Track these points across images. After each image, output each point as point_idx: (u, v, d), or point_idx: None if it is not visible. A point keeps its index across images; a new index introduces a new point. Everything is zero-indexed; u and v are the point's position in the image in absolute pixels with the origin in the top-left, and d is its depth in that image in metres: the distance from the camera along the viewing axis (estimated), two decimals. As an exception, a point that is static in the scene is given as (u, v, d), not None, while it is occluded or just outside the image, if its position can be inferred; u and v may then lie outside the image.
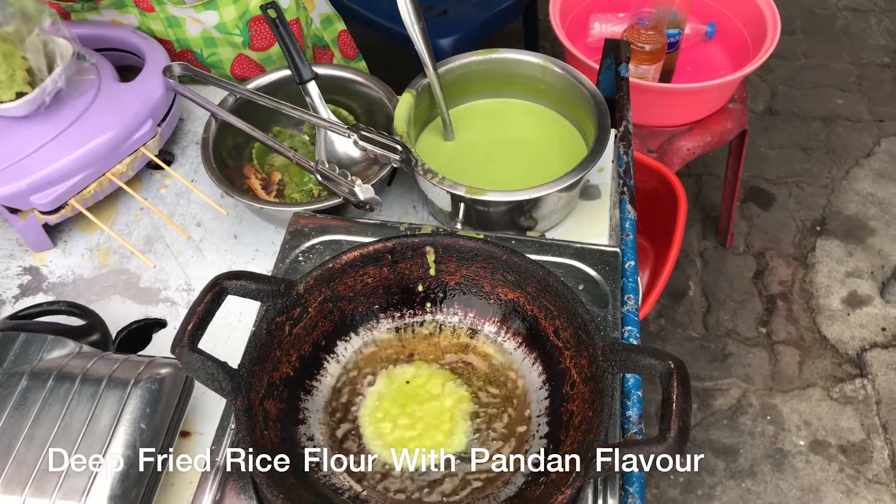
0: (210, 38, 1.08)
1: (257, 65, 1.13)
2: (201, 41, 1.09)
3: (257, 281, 0.67)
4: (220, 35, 1.08)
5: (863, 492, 1.66)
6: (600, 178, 0.96)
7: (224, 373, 0.62)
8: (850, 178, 2.24)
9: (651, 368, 0.60)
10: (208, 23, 1.06)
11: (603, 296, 0.76)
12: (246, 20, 1.07)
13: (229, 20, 1.06)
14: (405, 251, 0.73)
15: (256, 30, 1.09)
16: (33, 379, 0.69)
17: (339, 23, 1.28)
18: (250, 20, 1.07)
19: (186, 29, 1.08)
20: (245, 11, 1.06)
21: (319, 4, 1.23)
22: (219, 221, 0.96)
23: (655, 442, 0.55)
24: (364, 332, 0.75)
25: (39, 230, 0.92)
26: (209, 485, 0.66)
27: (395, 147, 0.85)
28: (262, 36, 1.09)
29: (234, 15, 1.05)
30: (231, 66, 1.12)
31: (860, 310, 1.95)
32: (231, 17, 1.06)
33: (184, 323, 0.62)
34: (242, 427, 0.61)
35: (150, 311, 0.88)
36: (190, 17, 1.06)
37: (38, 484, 0.63)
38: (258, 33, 1.09)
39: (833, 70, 2.55)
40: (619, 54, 1.03)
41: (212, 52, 1.11)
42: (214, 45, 1.10)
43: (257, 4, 1.06)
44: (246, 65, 1.12)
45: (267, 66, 1.13)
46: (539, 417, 0.68)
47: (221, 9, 1.05)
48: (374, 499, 0.64)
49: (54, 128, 0.91)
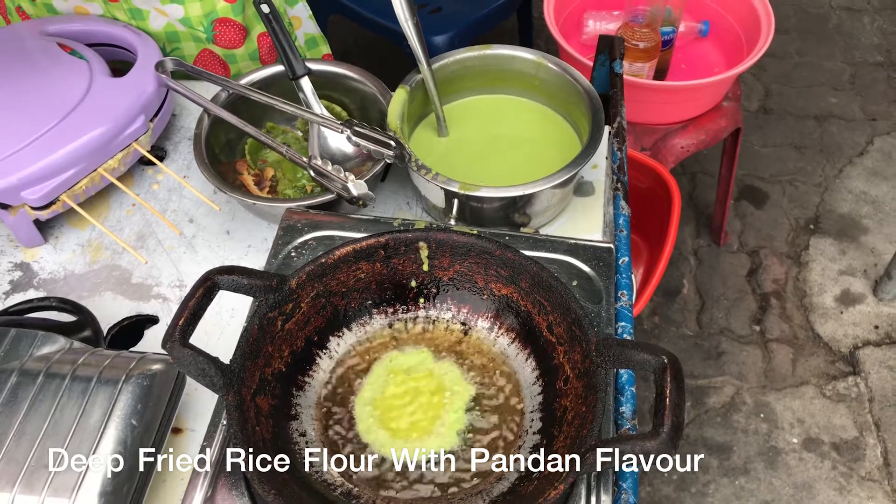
0: (174, 31, 1.08)
1: (221, 61, 1.12)
2: (164, 35, 1.09)
3: (249, 276, 0.66)
4: (184, 29, 1.07)
5: (855, 489, 1.66)
6: (594, 175, 0.96)
7: (215, 368, 0.61)
8: (843, 177, 2.25)
9: (645, 363, 0.60)
10: (173, 16, 1.05)
11: (596, 292, 0.76)
12: (211, 20, 1.07)
13: (194, 16, 1.05)
14: (398, 247, 0.73)
15: (221, 30, 1.08)
16: (23, 375, 0.69)
17: (324, 45, 1.27)
18: (216, 20, 1.07)
19: (150, 22, 1.07)
20: (211, 11, 1.06)
21: (307, 24, 1.22)
22: (211, 217, 0.96)
23: (649, 437, 0.55)
24: (357, 328, 0.74)
25: (30, 226, 0.91)
26: (200, 481, 0.65)
27: (388, 143, 0.84)
28: (226, 37, 1.09)
29: (199, 12, 1.05)
30: (194, 62, 1.12)
31: (853, 308, 1.96)
32: (196, 14, 1.05)
33: (175, 318, 0.61)
34: (234, 422, 0.60)
35: (142, 308, 0.88)
36: (154, 8, 1.05)
37: (28, 481, 0.62)
38: (222, 34, 1.09)
39: (826, 69, 2.55)
40: (614, 50, 1.03)
41: (175, 47, 1.10)
42: (178, 39, 1.09)
43: (225, 8, 1.06)
44: (210, 60, 1.12)
45: (230, 63, 1.13)
46: (532, 413, 0.68)
47: (187, 4, 1.04)
48: (366, 495, 0.64)
49: (45, 123, 0.90)
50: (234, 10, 1.07)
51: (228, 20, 1.08)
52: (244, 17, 1.09)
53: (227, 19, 1.08)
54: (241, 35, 1.10)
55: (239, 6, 1.07)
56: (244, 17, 1.09)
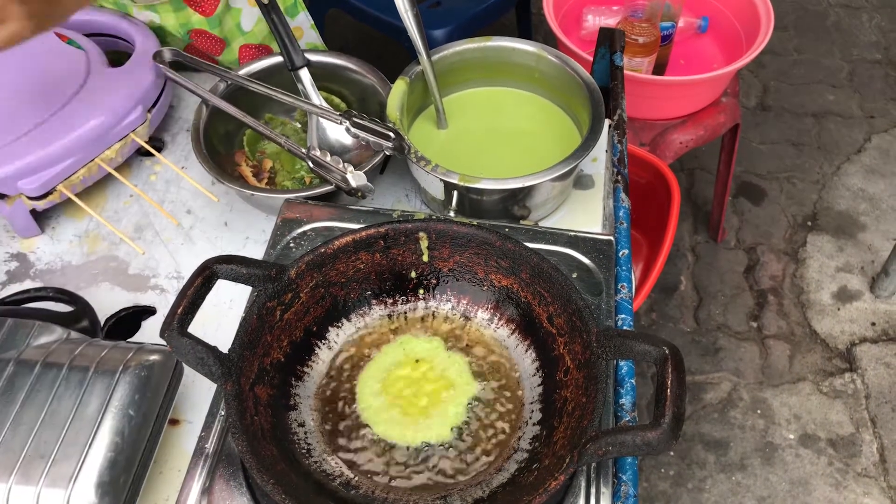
0: (159, 27, 1.07)
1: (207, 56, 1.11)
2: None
3: (248, 265, 0.66)
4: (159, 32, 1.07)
5: (851, 485, 1.67)
6: (594, 168, 0.96)
7: (214, 357, 0.61)
8: (840, 174, 2.25)
9: (646, 354, 0.59)
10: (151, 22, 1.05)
11: (596, 284, 0.76)
12: (187, 29, 1.06)
13: (170, 24, 1.05)
14: (398, 237, 0.73)
15: (197, 39, 1.08)
16: (20, 365, 0.68)
17: None
18: (191, 31, 1.06)
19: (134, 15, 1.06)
20: (186, 22, 1.05)
21: (308, 34, 1.20)
22: (209, 208, 0.95)
23: (650, 428, 0.54)
24: (356, 319, 0.74)
25: (27, 216, 0.91)
26: (198, 471, 0.65)
27: (387, 134, 0.84)
28: (203, 45, 1.08)
29: (174, 22, 1.05)
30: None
31: (850, 305, 1.96)
32: (171, 24, 1.05)
33: (173, 307, 0.61)
34: (232, 412, 0.60)
35: (140, 299, 0.87)
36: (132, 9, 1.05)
37: (25, 471, 0.62)
38: (199, 42, 1.08)
39: (824, 66, 2.55)
40: (614, 43, 1.03)
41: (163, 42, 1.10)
42: (164, 34, 1.08)
43: (200, 20, 1.05)
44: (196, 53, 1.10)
45: None
46: (532, 404, 0.68)
47: (162, 14, 1.04)
48: (365, 484, 0.64)
49: (42, 112, 0.89)
50: (209, 23, 1.06)
51: (204, 31, 1.07)
52: (221, 31, 1.08)
53: (203, 31, 1.07)
54: (219, 45, 1.10)
55: (215, 20, 1.06)
56: (221, 30, 1.08)
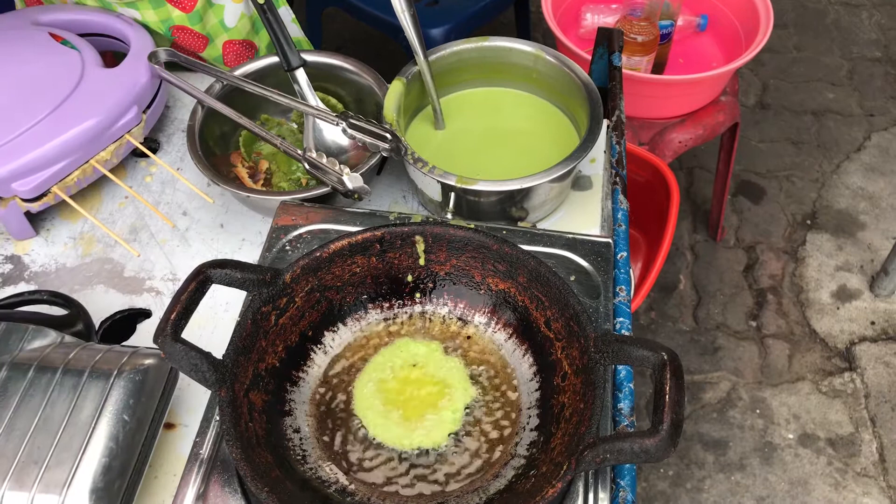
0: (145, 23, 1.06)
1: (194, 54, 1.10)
2: None
3: (243, 270, 0.65)
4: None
5: (851, 485, 1.66)
6: (592, 169, 0.95)
7: (208, 363, 0.60)
8: (840, 173, 2.24)
9: (644, 360, 0.59)
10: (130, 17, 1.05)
11: (594, 287, 0.75)
12: (168, 25, 1.05)
13: (151, 21, 1.04)
14: (394, 240, 0.72)
15: (180, 35, 1.07)
16: (14, 369, 0.68)
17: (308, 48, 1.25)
18: (173, 27, 1.05)
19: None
20: (167, 18, 1.04)
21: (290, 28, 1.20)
22: (205, 210, 0.95)
23: (648, 435, 0.54)
24: (352, 323, 0.73)
25: (21, 218, 0.90)
26: (193, 477, 0.64)
27: (384, 135, 0.83)
28: (186, 41, 1.07)
29: (154, 18, 1.04)
30: None
31: (849, 304, 1.95)
32: (153, 20, 1.04)
33: (167, 312, 0.60)
34: (226, 418, 0.59)
35: (135, 301, 0.86)
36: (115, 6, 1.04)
37: (18, 477, 0.61)
38: (182, 38, 1.07)
39: (824, 64, 2.55)
40: (612, 43, 1.02)
41: None
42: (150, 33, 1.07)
43: (181, 17, 1.04)
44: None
45: None
46: (530, 409, 0.67)
47: (142, 10, 1.03)
48: (360, 491, 0.63)
49: (36, 114, 0.89)
50: (189, 19, 1.05)
51: (185, 28, 1.06)
52: (203, 27, 1.08)
53: (184, 27, 1.06)
54: (201, 42, 1.09)
55: (195, 16, 1.05)
56: (203, 26, 1.07)
